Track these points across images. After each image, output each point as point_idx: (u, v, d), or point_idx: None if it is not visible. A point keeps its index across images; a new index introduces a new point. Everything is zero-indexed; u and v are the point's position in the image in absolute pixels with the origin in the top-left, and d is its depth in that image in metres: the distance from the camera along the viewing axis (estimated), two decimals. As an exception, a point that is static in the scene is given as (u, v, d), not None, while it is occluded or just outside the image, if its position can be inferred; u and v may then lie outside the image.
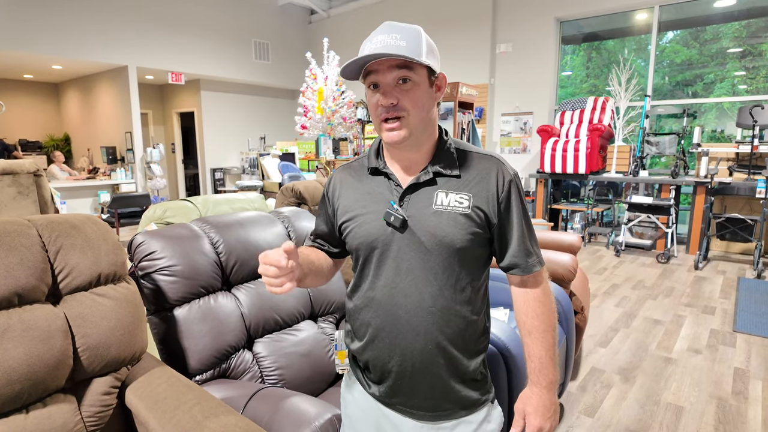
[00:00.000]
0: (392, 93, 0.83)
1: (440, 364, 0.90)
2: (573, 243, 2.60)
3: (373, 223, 0.90)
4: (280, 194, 2.47)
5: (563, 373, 2.02)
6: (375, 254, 0.91)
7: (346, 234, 0.95)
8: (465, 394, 0.93)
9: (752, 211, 5.01)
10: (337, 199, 0.98)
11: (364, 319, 0.94)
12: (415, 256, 0.88)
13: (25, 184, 1.94)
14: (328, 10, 9.04)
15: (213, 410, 1.02)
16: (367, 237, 0.91)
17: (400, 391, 0.93)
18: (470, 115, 5.54)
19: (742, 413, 2.14)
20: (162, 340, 1.37)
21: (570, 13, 6.35)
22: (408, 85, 0.83)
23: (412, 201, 0.89)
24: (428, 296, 0.88)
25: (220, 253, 1.51)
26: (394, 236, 0.89)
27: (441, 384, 0.91)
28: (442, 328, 0.89)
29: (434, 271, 0.87)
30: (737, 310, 3.43)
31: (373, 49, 0.81)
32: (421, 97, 0.85)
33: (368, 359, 0.95)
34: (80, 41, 6.44)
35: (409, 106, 0.83)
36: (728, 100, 5.77)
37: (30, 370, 1.00)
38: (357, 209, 0.94)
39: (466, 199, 0.88)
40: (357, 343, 0.97)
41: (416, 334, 0.88)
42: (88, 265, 1.16)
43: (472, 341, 0.93)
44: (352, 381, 1.02)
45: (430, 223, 0.87)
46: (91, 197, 7.13)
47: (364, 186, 0.95)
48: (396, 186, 0.91)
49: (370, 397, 0.98)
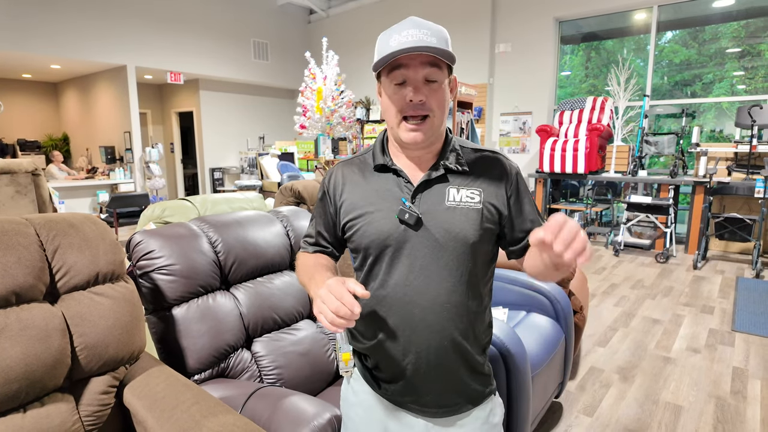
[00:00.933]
0: (422, 90, 0.82)
1: (455, 359, 0.90)
2: (572, 242, 2.59)
3: (383, 221, 0.89)
4: (279, 194, 2.46)
5: (562, 372, 2.02)
6: (387, 252, 0.89)
7: (352, 232, 0.93)
8: (473, 387, 0.94)
9: (751, 210, 5.02)
10: (339, 196, 0.96)
11: (374, 318, 0.92)
12: (429, 253, 0.87)
13: (23, 184, 1.94)
14: (327, 10, 9.03)
15: (211, 409, 1.01)
16: (378, 235, 0.89)
17: (413, 390, 0.92)
18: (469, 114, 5.54)
19: (740, 412, 2.14)
20: (160, 339, 1.36)
21: (569, 13, 6.35)
22: (435, 85, 0.83)
23: (425, 198, 0.89)
24: (444, 292, 0.88)
25: (219, 252, 1.51)
26: (407, 234, 0.88)
27: (454, 379, 0.91)
28: (456, 324, 0.89)
29: (449, 267, 0.88)
30: (736, 309, 3.43)
31: (406, 43, 0.79)
32: (445, 98, 0.85)
33: (379, 359, 0.94)
34: (79, 41, 6.43)
35: (435, 107, 0.84)
36: (727, 100, 5.78)
37: (27, 369, 0.99)
38: (365, 207, 0.91)
39: (477, 195, 0.89)
40: (366, 343, 0.96)
41: (432, 331, 0.88)
42: (86, 264, 1.16)
43: (481, 335, 0.94)
44: (357, 382, 1.00)
45: (444, 219, 0.87)
46: (89, 197, 7.12)
47: (371, 183, 0.93)
48: (407, 183, 0.90)
49: (379, 397, 0.96)
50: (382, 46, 0.83)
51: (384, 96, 0.87)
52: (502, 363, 1.43)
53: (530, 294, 2.09)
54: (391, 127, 0.88)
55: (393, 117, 0.86)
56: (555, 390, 1.98)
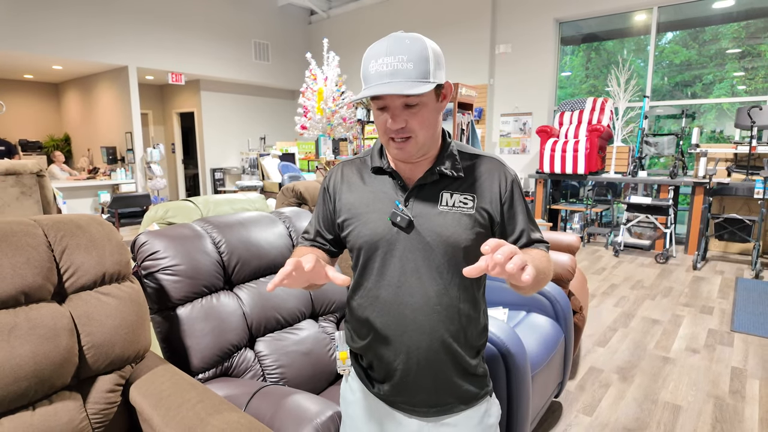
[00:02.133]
0: (401, 116, 0.83)
1: (444, 360, 0.91)
2: (572, 243, 2.61)
3: (377, 223, 0.91)
4: (281, 195, 2.48)
5: (562, 371, 2.04)
6: (378, 254, 0.91)
7: (347, 232, 0.95)
8: (466, 388, 0.95)
9: (750, 211, 5.03)
10: (338, 195, 0.98)
11: (368, 318, 0.94)
12: (420, 255, 0.89)
13: (28, 185, 1.96)
14: (327, 11, 9.05)
15: (216, 407, 1.03)
16: (371, 236, 0.91)
17: (404, 390, 0.94)
18: (469, 115, 5.55)
19: (739, 412, 2.15)
20: (165, 338, 1.38)
21: (569, 14, 6.36)
22: (416, 108, 0.83)
23: (418, 201, 0.90)
24: (434, 294, 0.89)
25: (222, 252, 1.53)
26: (399, 236, 0.89)
27: (444, 380, 0.92)
28: (447, 326, 0.90)
29: (439, 270, 0.89)
30: (735, 310, 3.45)
31: (381, 74, 0.79)
32: (429, 116, 0.85)
33: (372, 358, 0.96)
34: (80, 41, 6.45)
35: (416, 128, 0.84)
36: (727, 101, 5.79)
37: (36, 368, 1.01)
38: (360, 208, 0.94)
39: (470, 200, 0.90)
40: (360, 342, 0.98)
41: (422, 332, 0.90)
42: (92, 264, 1.18)
43: (474, 338, 0.95)
44: (354, 381, 1.02)
45: (436, 223, 0.88)
46: (91, 197, 7.14)
47: (368, 185, 0.95)
48: (401, 186, 0.92)
49: (374, 396, 0.98)
50: (363, 70, 0.83)
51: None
52: (502, 362, 1.45)
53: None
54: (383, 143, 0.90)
55: (381, 136, 0.88)
56: (554, 389, 1.99)
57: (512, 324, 1.95)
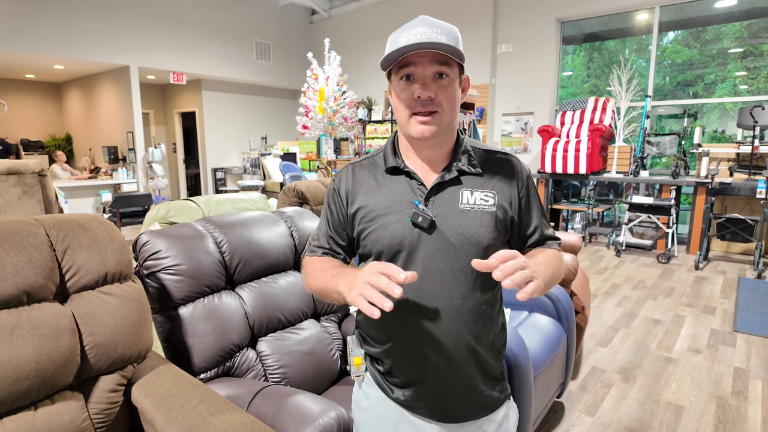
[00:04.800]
0: (430, 86, 0.81)
1: (470, 365, 0.89)
2: (574, 243, 2.61)
3: (397, 225, 0.87)
4: (282, 194, 2.48)
5: (564, 372, 2.03)
6: (400, 257, 0.87)
7: (365, 237, 0.90)
8: (488, 393, 0.92)
9: (753, 211, 5.02)
10: (352, 199, 0.92)
11: (386, 323, 0.89)
12: (443, 256, 0.86)
13: (30, 184, 1.96)
14: (329, 10, 9.05)
15: (218, 407, 1.03)
16: (392, 239, 0.86)
17: (427, 395, 0.90)
18: (471, 115, 5.55)
19: (741, 412, 2.15)
20: (167, 338, 1.38)
21: (571, 13, 6.35)
22: (445, 81, 0.81)
23: (438, 200, 0.87)
24: (458, 297, 0.86)
25: (224, 252, 1.53)
26: (421, 237, 0.86)
27: (470, 385, 0.90)
28: (471, 329, 0.87)
29: (463, 271, 0.86)
30: (737, 310, 3.44)
31: (416, 41, 0.77)
32: (455, 94, 0.84)
33: (393, 364, 0.92)
34: (82, 41, 6.46)
35: (444, 102, 0.82)
36: (729, 100, 5.78)
37: (38, 368, 1.01)
38: (378, 210, 0.89)
39: (491, 197, 0.88)
40: (378, 347, 0.93)
41: (446, 336, 0.86)
42: (95, 264, 1.18)
43: (495, 339, 0.93)
44: (369, 387, 0.98)
45: (459, 222, 0.86)
46: (92, 197, 7.15)
47: (383, 186, 0.91)
48: (419, 185, 0.88)
49: (392, 402, 0.94)
50: (392, 44, 0.81)
51: (393, 94, 0.86)
52: (504, 363, 1.44)
53: (532, 294, 2.09)
54: (401, 124, 0.87)
55: (402, 113, 0.84)
56: (557, 390, 1.99)
57: (514, 324, 1.94)
